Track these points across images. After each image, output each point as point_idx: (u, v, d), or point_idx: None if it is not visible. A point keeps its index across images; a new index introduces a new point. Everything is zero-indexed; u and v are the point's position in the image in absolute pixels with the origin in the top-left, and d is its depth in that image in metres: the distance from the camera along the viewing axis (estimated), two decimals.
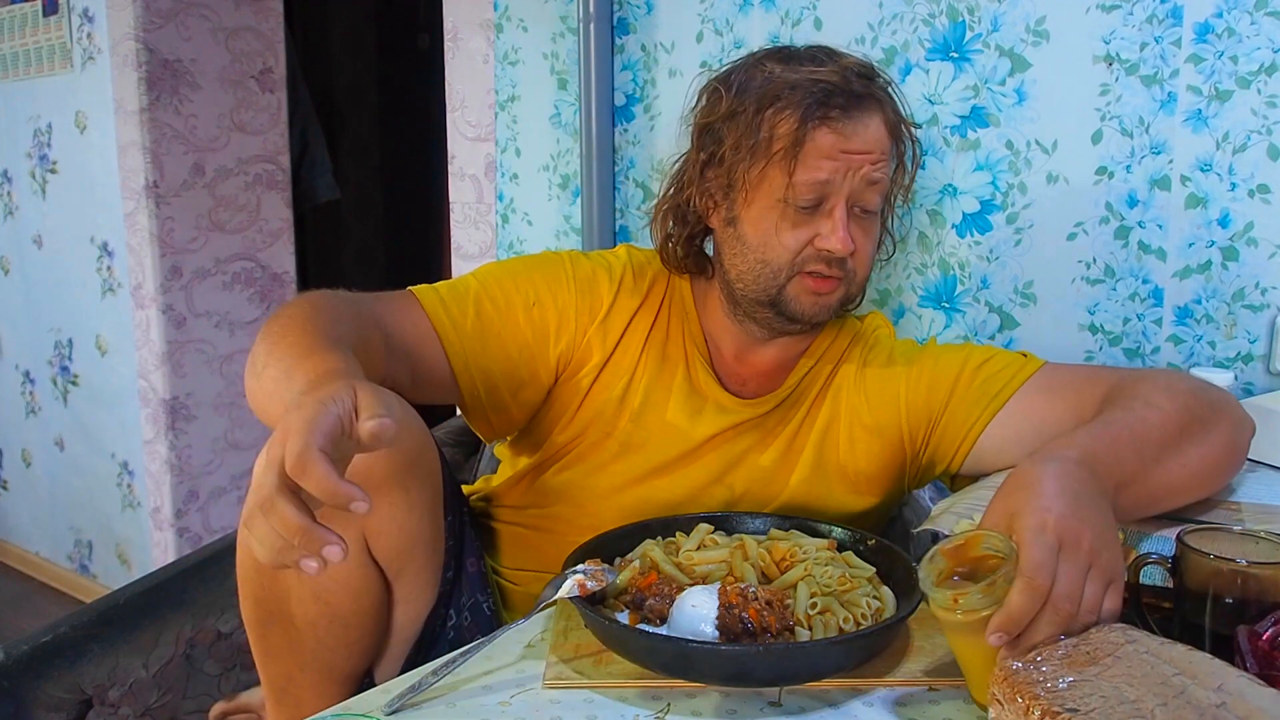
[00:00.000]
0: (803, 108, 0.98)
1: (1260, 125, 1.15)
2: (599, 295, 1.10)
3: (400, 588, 0.92)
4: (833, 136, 0.98)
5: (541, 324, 1.07)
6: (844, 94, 0.98)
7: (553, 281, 1.09)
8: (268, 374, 0.85)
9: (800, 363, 1.12)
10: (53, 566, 3.08)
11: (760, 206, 1.02)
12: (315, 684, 0.91)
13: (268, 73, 2.61)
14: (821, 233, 1.00)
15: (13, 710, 1.12)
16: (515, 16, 1.78)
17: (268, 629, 0.90)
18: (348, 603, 0.88)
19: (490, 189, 1.87)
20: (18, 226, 2.97)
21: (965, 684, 0.73)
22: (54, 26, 2.67)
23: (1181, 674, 0.58)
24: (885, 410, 1.07)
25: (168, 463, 2.57)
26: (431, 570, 0.94)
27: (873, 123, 1.00)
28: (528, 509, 1.12)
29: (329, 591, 0.87)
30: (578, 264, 1.12)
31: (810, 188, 0.98)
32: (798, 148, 0.98)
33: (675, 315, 1.12)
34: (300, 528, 0.66)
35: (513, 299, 1.07)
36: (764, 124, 0.99)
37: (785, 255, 1.01)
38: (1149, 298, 1.24)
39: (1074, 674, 0.59)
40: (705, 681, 0.74)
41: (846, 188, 0.99)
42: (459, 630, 1.01)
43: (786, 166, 0.98)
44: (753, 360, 1.12)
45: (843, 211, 0.99)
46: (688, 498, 1.06)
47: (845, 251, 0.99)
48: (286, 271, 2.71)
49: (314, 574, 0.68)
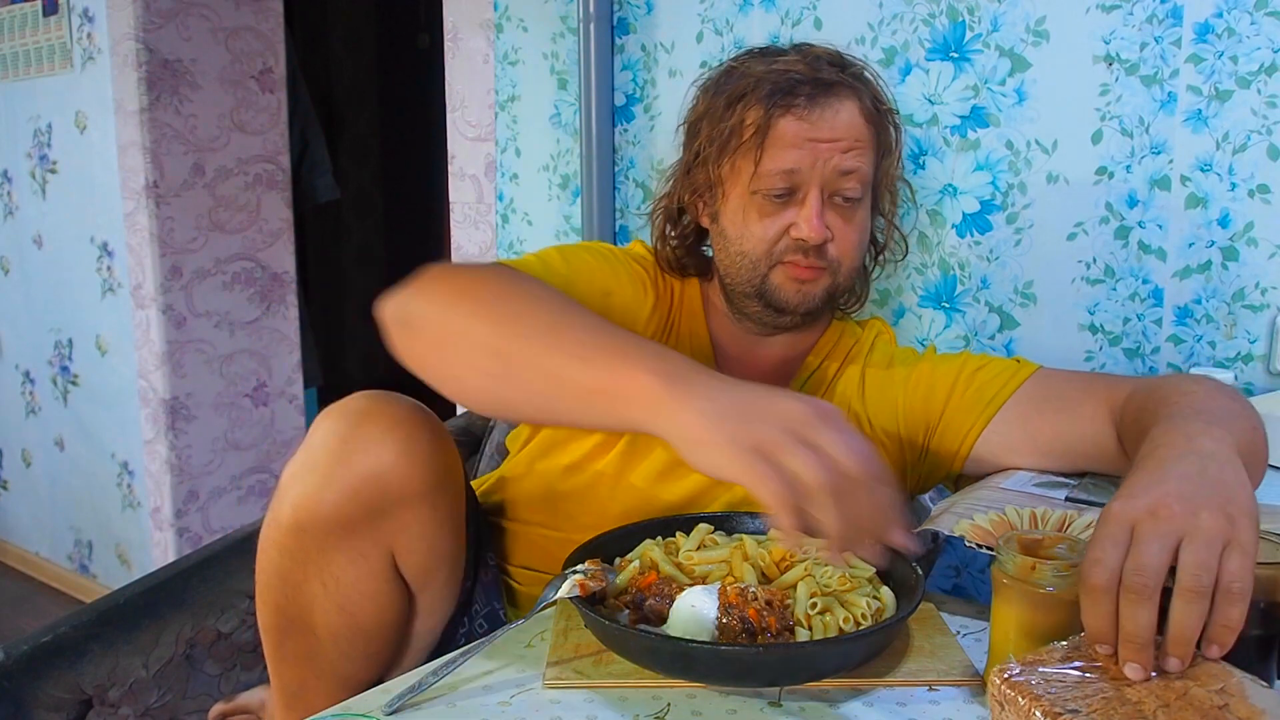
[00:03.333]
0: (767, 97, 0.99)
1: (1260, 125, 1.15)
2: (642, 295, 1.09)
3: (423, 600, 0.93)
4: (798, 124, 0.98)
5: (599, 308, 1.06)
6: (811, 82, 0.99)
7: (627, 276, 1.08)
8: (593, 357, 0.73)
9: (803, 367, 1.12)
10: (53, 566, 3.08)
11: (735, 199, 1.02)
12: (329, 691, 0.91)
13: (268, 73, 2.61)
14: (796, 221, 1.00)
15: (13, 710, 1.12)
16: (515, 16, 1.78)
17: (286, 636, 0.90)
18: (372, 615, 0.88)
19: (490, 189, 1.87)
20: (18, 226, 2.97)
21: (972, 681, 0.73)
22: (54, 26, 2.67)
23: (1184, 675, 0.58)
24: (884, 418, 1.07)
25: (168, 463, 2.57)
26: (454, 583, 0.95)
27: (844, 109, 0.99)
28: (533, 507, 1.12)
29: (354, 604, 0.87)
30: (629, 264, 1.10)
31: (777, 176, 0.98)
32: (762, 136, 0.98)
33: (686, 317, 1.12)
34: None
35: (598, 284, 1.05)
36: (733, 116, 1.00)
37: (761, 245, 1.01)
38: (1149, 298, 1.24)
39: (1076, 674, 0.59)
40: (705, 681, 0.74)
41: (818, 176, 0.99)
42: (471, 637, 1.02)
43: (754, 156, 0.99)
44: (755, 361, 1.12)
45: (816, 199, 0.99)
46: (691, 500, 1.06)
47: (818, 239, 0.99)
48: (286, 271, 2.71)
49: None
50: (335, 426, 0.84)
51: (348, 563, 0.85)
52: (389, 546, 0.86)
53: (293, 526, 0.84)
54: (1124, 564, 0.60)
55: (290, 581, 0.87)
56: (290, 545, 0.85)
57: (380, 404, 0.85)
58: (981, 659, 0.76)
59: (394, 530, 0.85)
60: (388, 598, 0.88)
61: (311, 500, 0.83)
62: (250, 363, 2.68)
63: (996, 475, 0.99)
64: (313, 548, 0.84)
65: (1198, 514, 0.60)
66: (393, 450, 0.82)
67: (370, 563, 0.86)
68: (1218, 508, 0.60)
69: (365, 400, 0.86)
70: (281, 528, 0.85)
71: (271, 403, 2.73)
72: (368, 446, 0.82)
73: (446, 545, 0.90)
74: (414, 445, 0.83)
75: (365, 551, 0.85)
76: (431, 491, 0.85)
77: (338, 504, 0.82)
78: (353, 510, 0.83)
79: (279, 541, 0.86)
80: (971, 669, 0.76)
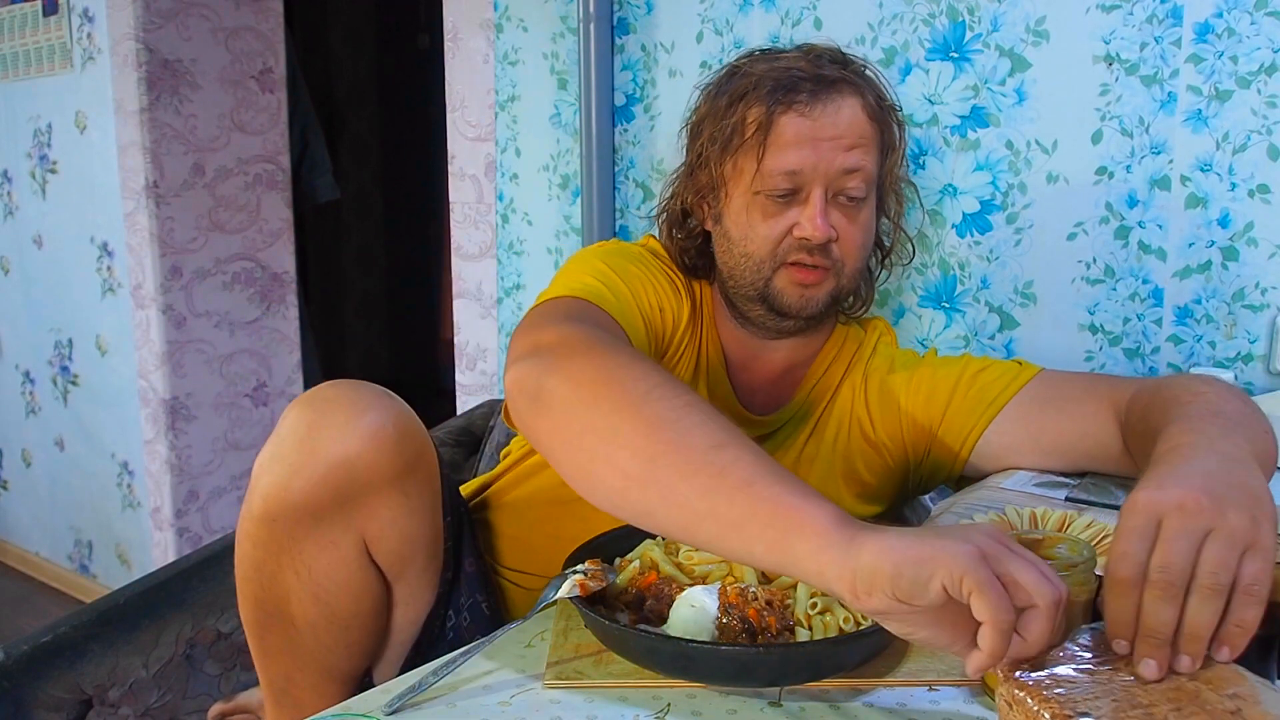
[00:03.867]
0: (769, 94, 0.98)
1: (1260, 125, 1.15)
2: (681, 300, 1.08)
3: (400, 589, 0.92)
4: (800, 121, 0.97)
5: (658, 326, 1.05)
6: (813, 79, 0.98)
7: (666, 281, 1.07)
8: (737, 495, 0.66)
9: (806, 376, 1.11)
10: (53, 566, 3.08)
11: (738, 199, 1.01)
12: (314, 684, 0.91)
13: (268, 73, 2.61)
14: (799, 221, 0.99)
15: (13, 710, 1.12)
16: (515, 16, 1.78)
17: (267, 630, 0.90)
18: (348, 605, 0.88)
19: (490, 189, 1.87)
20: (18, 226, 2.97)
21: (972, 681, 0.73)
22: (54, 26, 2.67)
23: (1195, 678, 0.57)
24: (887, 421, 1.07)
25: (168, 463, 2.57)
26: (431, 572, 0.94)
27: (846, 106, 0.98)
28: (534, 511, 1.11)
29: (329, 593, 0.87)
30: (662, 267, 1.09)
31: (781, 175, 0.98)
32: (764, 134, 0.97)
33: (706, 319, 1.11)
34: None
35: (652, 299, 1.04)
36: (735, 115, 1.00)
37: (765, 246, 1.00)
38: (1149, 298, 1.24)
39: (1085, 676, 0.58)
40: (705, 681, 0.74)
41: (822, 174, 0.98)
42: (458, 630, 1.01)
43: (756, 154, 0.98)
44: (759, 368, 1.11)
45: (819, 198, 0.98)
46: None
47: (822, 237, 0.98)
48: (286, 271, 2.71)
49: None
50: (302, 415, 0.83)
51: (319, 551, 0.85)
52: (360, 533, 0.86)
53: (263, 517, 0.84)
54: (1150, 559, 0.59)
55: (265, 573, 0.87)
56: (262, 536, 0.85)
57: (347, 391, 0.85)
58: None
59: (364, 517, 0.85)
60: (362, 585, 0.88)
61: (280, 489, 0.82)
62: (250, 363, 2.68)
63: (997, 475, 0.99)
64: (284, 537, 0.84)
65: (1225, 513, 0.59)
66: (359, 436, 0.82)
67: (342, 550, 0.85)
68: (1245, 509, 0.60)
69: (332, 389, 0.86)
70: (253, 519, 0.85)
71: (271, 403, 2.73)
72: (334, 433, 0.82)
73: (421, 532, 0.90)
74: (382, 431, 0.83)
75: (336, 539, 0.85)
76: (401, 477, 0.85)
77: (306, 492, 0.82)
78: (321, 498, 0.82)
79: (252, 533, 0.86)
80: None
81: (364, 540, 0.87)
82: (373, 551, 0.88)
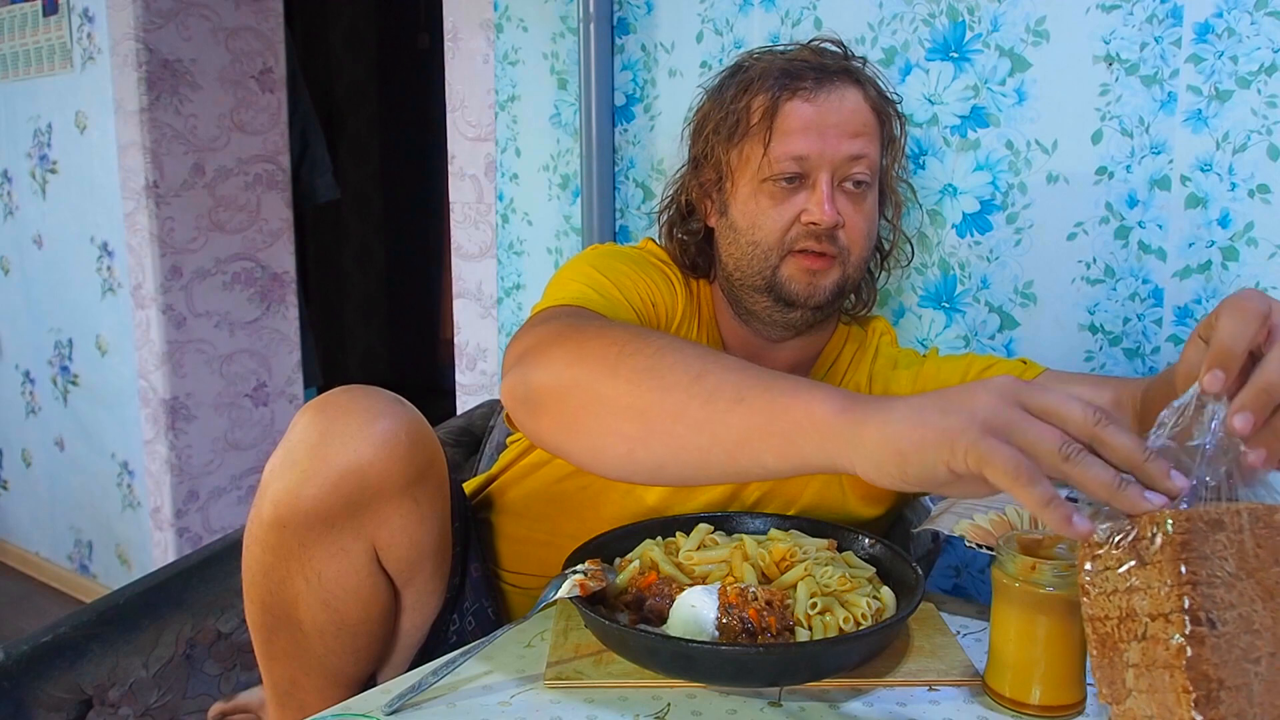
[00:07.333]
0: (775, 83, 0.99)
1: (1260, 125, 1.15)
2: (675, 297, 1.08)
3: (408, 596, 0.92)
4: (806, 107, 0.98)
5: (652, 320, 1.04)
6: (816, 68, 1.00)
7: (661, 278, 1.07)
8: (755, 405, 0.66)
9: (810, 375, 1.11)
10: (53, 566, 3.08)
11: (745, 188, 1.02)
12: (320, 687, 0.91)
13: (268, 73, 2.61)
14: (807, 206, 0.99)
15: (13, 710, 1.12)
16: (515, 16, 1.78)
17: (274, 633, 0.90)
18: (356, 611, 0.88)
19: (490, 189, 1.87)
20: (18, 226, 2.97)
21: (972, 681, 0.73)
22: (54, 26, 2.67)
23: None
24: None
25: (168, 463, 2.57)
26: (439, 578, 0.94)
27: (849, 95, 1.00)
28: (532, 509, 1.11)
29: (338, 600, 0.87)
30: (657, 265, 1.09)
31: (788, 160, 0.98)
32: (770, 120, 0.99)
33: (706, 318, 1.11)
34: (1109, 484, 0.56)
35: (644, 295, 1.04)
36: (741, 104, 1.01)
37: (774, 234, 1.01)
38: (1149, 298, 1.24)
39: (1235, 565, 0.54)
40: (705, 681, 0.74)
41: (828, 160, 0.99)
42: (462, 634, 1.01)
43: (763, 139, 0.99)
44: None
45: (826, 183, 0.99)
46: (700, 509, 1.06)
47: (830, 221, 0.98)
48: (286, 271, 2.72)
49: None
50: (314, 421, 0.83)
51: (329, 557, 0.85)
52: (371, 540, 0.86)
53: (274, 522, 0.84)
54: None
55: (274, 578, 0.87)
56: (272, 541, 0.85)
57: (359, 398, 0.85)
58: (981, 659, 0.76)
59: (375, 524, 0.85)
60: (371, 592, 0.88)
61: (291, 495, 0.82)
62: (250, 363, 2.69)
63: None
64: (294, 543, 0.84)
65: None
66: (371, 443, 0.82)
67: (352, 557, 0.86)
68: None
69: (344, 394, 0.86)
70: (263, 524, 0.85)
71: (271, 403, 2.73)
72: (346, 440, 0.82)
73: (430, 539, 0.90)
74: (393, 438, 0.83)
75: (346, 546, 0.85)
76: (412, 485, 0.85)
77: (317, 498, 0.82)
78: (333, 504, 0.82)
79: (261, 538, 0.86)
80: (971, 669, 0.77)
81: (374, 547, 0.87)
82: (383, 558, 0.88)
